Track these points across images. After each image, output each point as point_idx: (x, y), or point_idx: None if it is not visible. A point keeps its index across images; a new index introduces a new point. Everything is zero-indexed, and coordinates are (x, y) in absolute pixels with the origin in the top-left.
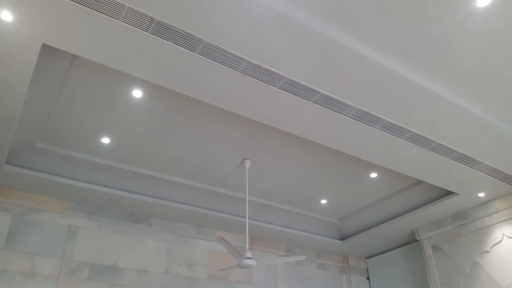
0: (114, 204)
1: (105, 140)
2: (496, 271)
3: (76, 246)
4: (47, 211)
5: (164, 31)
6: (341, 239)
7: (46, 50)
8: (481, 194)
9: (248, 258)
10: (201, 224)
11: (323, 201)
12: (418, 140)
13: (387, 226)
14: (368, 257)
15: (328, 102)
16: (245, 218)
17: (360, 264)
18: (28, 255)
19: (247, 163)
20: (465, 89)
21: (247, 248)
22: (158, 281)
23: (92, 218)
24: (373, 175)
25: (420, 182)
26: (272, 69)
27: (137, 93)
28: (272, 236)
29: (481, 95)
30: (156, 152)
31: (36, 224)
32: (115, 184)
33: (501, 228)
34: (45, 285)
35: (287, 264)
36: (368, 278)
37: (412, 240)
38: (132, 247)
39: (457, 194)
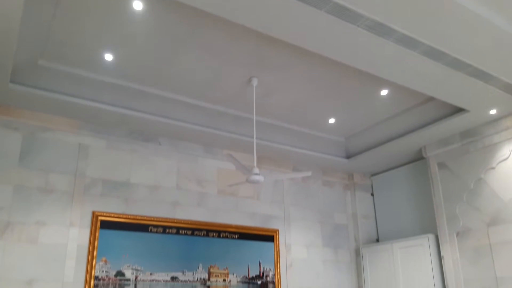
0: (122, 123)
1: (108, 57)
2: (499, 186)
3: (88, 164)
4: (56, 130)
5: None
6: (347, 158)
7: None
8: (493, 111)
9: (256, 174)
10: (209, 143)
11: (331, 120)
12: (432, 53)
13: (394, 144)
14: (373, 175)
15: (340, 12)
16: (253, 138)
17: (365, 181)
18: (42, 172)
19: (254, 81)
20: None
21: (255, 165)
22: (170, 196)
23: (101, 137)
24: (384, 92)
25: (430, 99)
26: None
27: (137, 5)
28: (279, 155)
29: (505, 3)
30: (161, 69)
31: (46, 142)
32: (121, 102)
33: (510, 145)
34: (62, 200)
35: (294, 181)
36: (372, 195)
37: (418, 158)
38: (143, 165)
39: (468, 111)
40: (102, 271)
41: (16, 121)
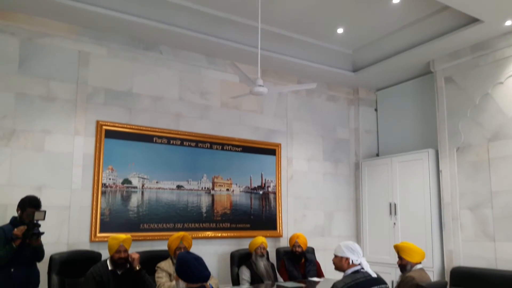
0: (122, 29)
1: None
2: (505, 102)
3: (89, 72)
4: (54, 36)
5: None
6: (354, 71)
7: None
8: (508, 23)
9: (260, 85)
10: (212, 54)
11: (339, 30)
12: None
13: (402, 57)
14: (378, 89)
15: None
16: (257, 48)
17: (370, 96)
18: (43, 80)
19: None
20: None
21: (259, 77)
22: (173, 108)
23: (101, 44)
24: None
25: (444, 8)
26: None
27: None
28: (284, 68)
29: None
30: None
31: (45, 49)
32: (120, 7)
33: None
34: (65, 109)
35: (298, 95)
36: (376, 110)
37: (425, 72)
38: (145, 75)
39: (482, 21)
40: (109, 179)
41: (12, 26)
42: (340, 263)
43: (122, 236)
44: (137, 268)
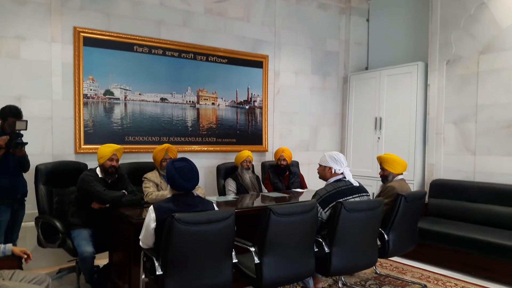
0: None
1: None
2: (500, 12)
3: None
4: None
5: None
6: None
7: None
8: None
9: None
10: None
11: None
12: None
13: None
14: None
15: None
16: None
17: (362, 6)
18: None
19: None
20: None
21: None
22: (154, 14)
23: None
24: None
25: None
26: None
27: None
28: None
29: None
30: None
31: None
32: None
33: None
34: (39, 13)
35: (287, 2)
36: (367, 20)
37: None
38: None
39: None
40: (90, 90)
41: None
42: (323, 172)
43: (115, 145)
44: None
